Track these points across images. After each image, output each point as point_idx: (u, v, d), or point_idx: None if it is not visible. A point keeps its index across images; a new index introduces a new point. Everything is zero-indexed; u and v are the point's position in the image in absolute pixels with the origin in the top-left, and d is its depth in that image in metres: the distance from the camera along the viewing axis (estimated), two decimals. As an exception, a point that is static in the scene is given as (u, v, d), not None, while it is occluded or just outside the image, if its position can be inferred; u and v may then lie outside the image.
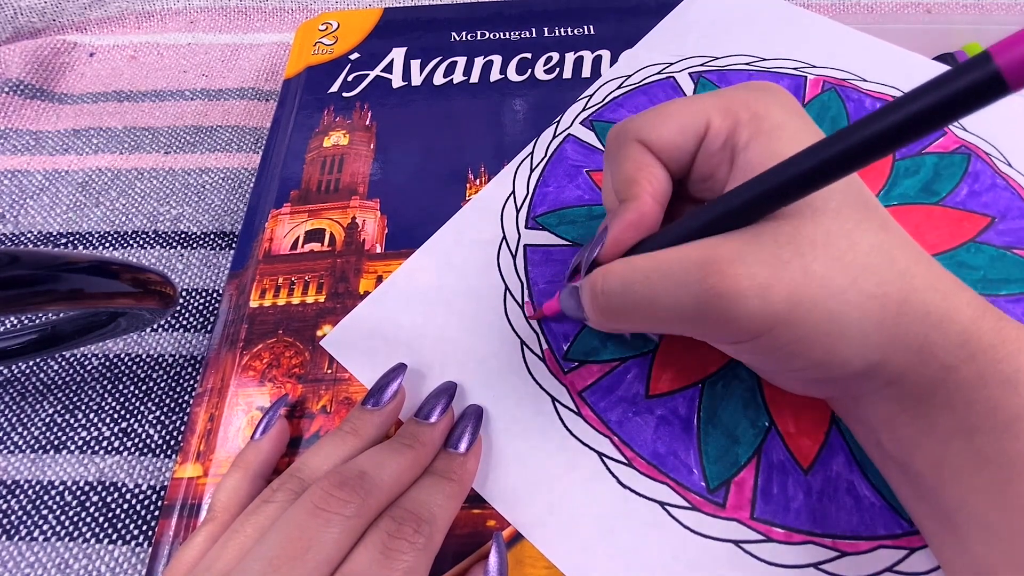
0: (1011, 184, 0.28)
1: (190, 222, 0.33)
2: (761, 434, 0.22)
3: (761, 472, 0.22)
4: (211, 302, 0.30)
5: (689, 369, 0.24)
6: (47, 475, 0.25)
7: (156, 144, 0.36)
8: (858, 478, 0.21)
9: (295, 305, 0.27)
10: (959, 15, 0.42)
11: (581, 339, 0.25)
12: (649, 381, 0.24)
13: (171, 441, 0.26)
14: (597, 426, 0.23)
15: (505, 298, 0.26)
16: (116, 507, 0.25)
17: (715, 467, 0.22)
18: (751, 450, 0.22)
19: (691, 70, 0.33)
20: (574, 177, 0.30)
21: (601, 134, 0.31)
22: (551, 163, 0.30)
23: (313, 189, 0.31)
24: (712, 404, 0.23)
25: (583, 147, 0.31)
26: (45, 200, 0.33)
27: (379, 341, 0.26)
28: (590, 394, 0.24)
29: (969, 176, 0.28)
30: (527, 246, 0.28)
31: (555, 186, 0.30)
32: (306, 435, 0.24)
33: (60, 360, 0.28)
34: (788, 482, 0.22)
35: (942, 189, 0.28)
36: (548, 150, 0.31)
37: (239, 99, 0.39)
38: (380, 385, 0.23)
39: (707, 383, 0.24)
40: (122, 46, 0.42)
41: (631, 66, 0.34)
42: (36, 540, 0.24)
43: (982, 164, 0.28)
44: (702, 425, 0.23)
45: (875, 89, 0.32)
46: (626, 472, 0.22)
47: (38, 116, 0.37)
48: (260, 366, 0.26)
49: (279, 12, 0.44)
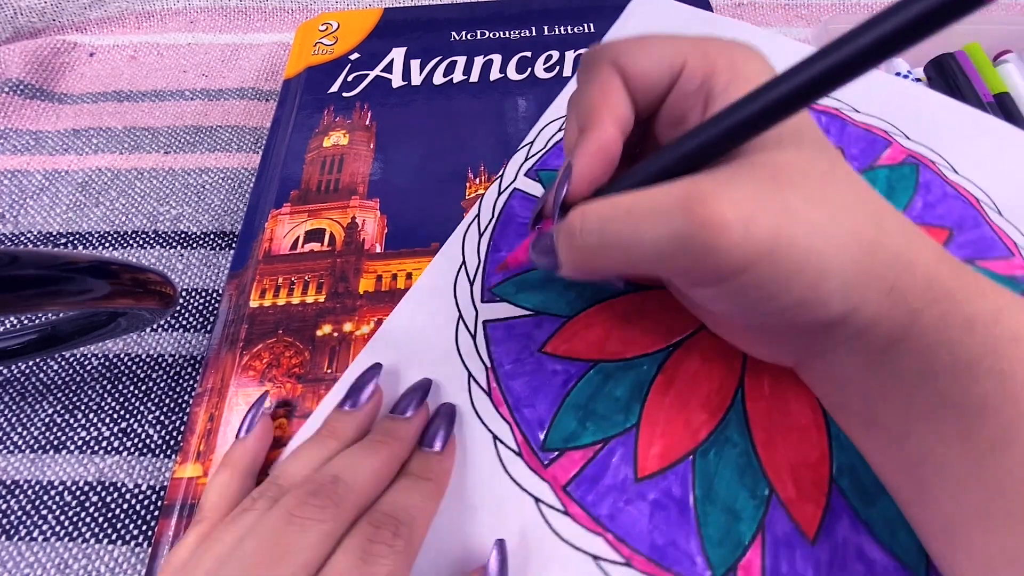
0: (961, 192, 0.27)
1: (190, 222, 0.33)
2: (762, 505, 0.21)
3: (767, 550, 0.20)
4: (211, 302, 0.30)
5: (677, 440, 0.22)
6: (47, 475, 0.25)
7: (156, 144, 0.36)
8: (866, 540, 0.20)
9: (295, 305, 0.27)
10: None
11: (558, 423, 0.23)
12: (636, 461, 0.22)
13: (171, 441, 0.26)
14: (588, 524, 0.21)
15: (470, 385, 0.24)
16: (116, 507, 0.25)
17: (718, 551, 0.20)
18: (754, 526, 0.20)
19: None
20: (526, 235, 0.27)
21: (548, 183, 0.29)
22: (500, 224, 0.28)
23: (313, 189, 0.31)
24: (707, 477, 0.21)
25: (531, 200, 0.29)
26: (45, 200, 0.33)
27: None
28: (575, 488, 0.22)
29: (921, 187, 0.28)
30: (486, 322, 0.25)
31: (507, 249, 0.27)
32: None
33: (60, 360, 0.28)
34: (796, 557, 0.20)
35: (897, 204, 0.27)
36: (495, 210, 0.29)
37: (239, 99, 0.39)
38: (357, 386, 0.23)
39: (698, 454, 0.22)
40: (122, 46, 0.42)
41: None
42: (36, 540, 0.24)
43: (931, 174, 0.28)
44: (699, 504, 0.21)
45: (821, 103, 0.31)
46: (625, 573, 0.20)
47: (38, 116, 0.37)
48: (260, 366, 0.26)
49: (279, 12, 0.44)
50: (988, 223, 0.27)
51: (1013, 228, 0.26)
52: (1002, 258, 0.26)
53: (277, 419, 0.24)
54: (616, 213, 0.17)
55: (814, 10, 0.43)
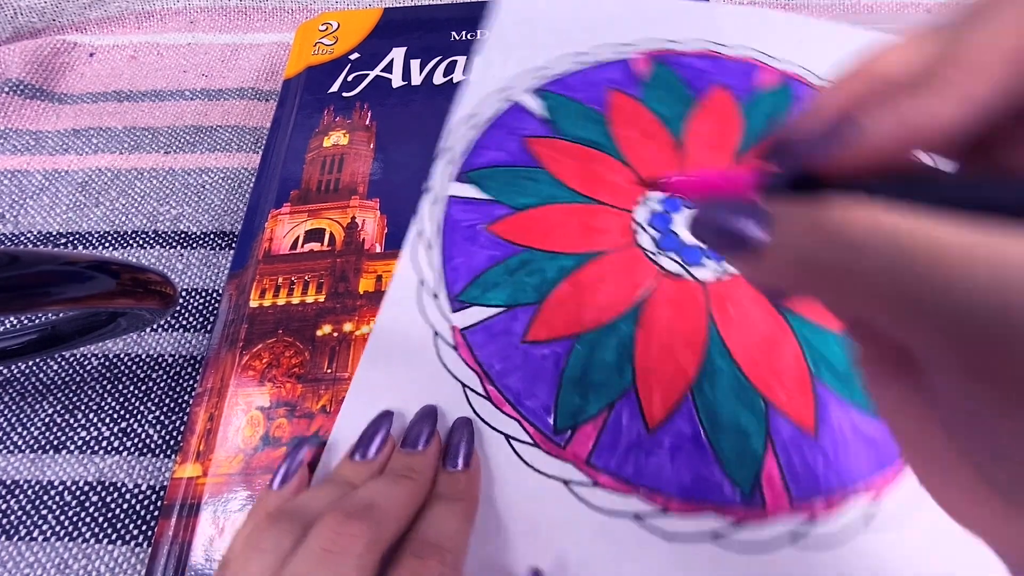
0: None
1: (190, 222, 0.33)
2: (763, 417, 0.23)
3: (780, 456, 0.22)
4: (211, 302, 0.30)
5: (672, 384, 0.24)
6: (47, 475, 0.25)
7: (156, 144, 0.36)
8: (857, 417, 0.22)
9: (295, 305, 0.27)
10: (959, 15, 0.42)
11: (562, 404, 0.24)
12: (644, 415, 0.23)
13: (171, 441, 0.26)
14: (620, 488, 0.22)
15: (467, 395, 0.24)
16: (116, 507, 0.25)
17: (740, 470, 0.22)
18: (762, 438, 0.23)
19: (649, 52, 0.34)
20: (475, 238, 0.28)
21: (479, 182, 0.29)
22: (446, 235, 0.28)
23: (313, 189, 0.31)
24: (708, 408, 0.23)
25: (467, 203, 0.29)
26: (45, 200, 0.33)
27: None
28: (597, 458, 0.23)
29: (797, 102, 0.31)
30: (463, 331, 0.25)
31: (462, 258, 0.28)
32: (306, 435, 0.24)
33: (60, 360, 0.28)
34: (805, 453, 0.22)
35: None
36: (436, 223, 0.29)
37: (239, 99, 0.39)
38: (368, 435, 0.22)
39: (694, 390, 0.24)
40: (122, 46, 0.42)
41: (474, 100, 0.33)
42: (36, 540, 0.24)
43: (802, 87, 0.32)
44: (710, 435, 0.23)
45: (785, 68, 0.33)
46: (666, 521, 0.21)
47: (38, 116, 0.37)
48: (260, 366, 0.26)
49: (279, 12, 0.44)
50: None
51: None
52: None
53: (277, 420, 0.24)
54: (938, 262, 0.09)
55: (814, 10, 0.43)
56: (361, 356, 0.25)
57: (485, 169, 0.29)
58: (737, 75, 0.33)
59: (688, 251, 0.27)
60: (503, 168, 0.30)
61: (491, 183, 0.29)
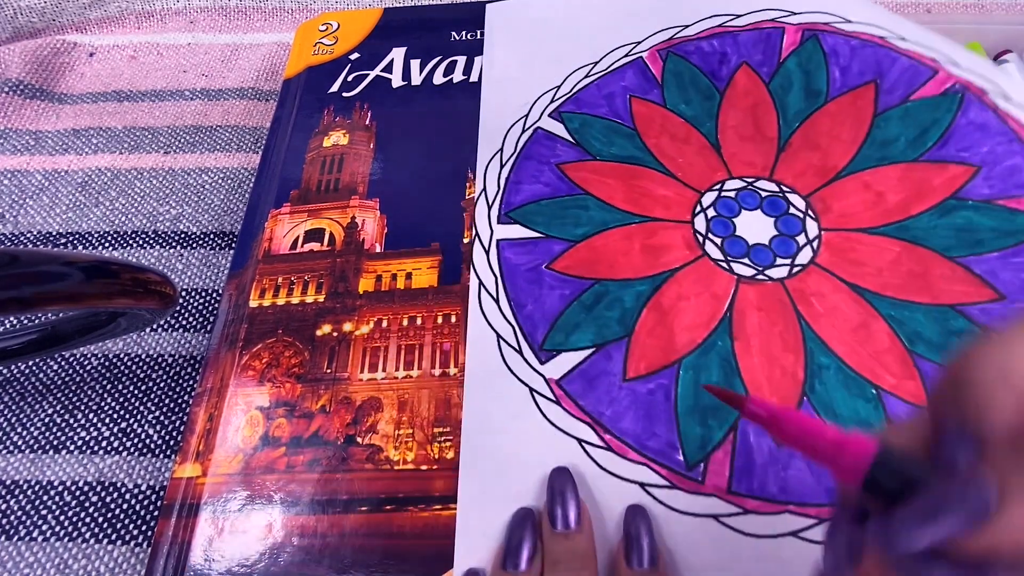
0: (1010, 122, 0.26)
1: (190, 222, 0.33)
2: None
3: (738, 447, 0.22)
4: (211, 302, 0.30)
5: (665, 351, 0.24)
6: (46, 475, 0.25)
7: (156, 144, 0.36)
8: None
9: (295, 305, 0.27)
10: (959, 15, 0.42)
11: (558, 328, 0.25)
12: (627, 364, 0.24)
13: (170, 441, 0.26)
14: (575, 412, 0.23)
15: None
16: (115, 507, 0.25)
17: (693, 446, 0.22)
18: (727, 426, 0.22)
19: (657, 47, 0.32)
20: (540, 280, 0.27)
21: (524, 220, 0.28)
22: (508, 282, 0.27)
23: (313, 189, 0.31)
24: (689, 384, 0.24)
25: (519, 244, 0.28)
26: (45, 200, 0.33)
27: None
28: (568, 382, 0.24)
29: (960, 117, 0.27)
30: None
31: (533, 304, 0.26)
32: (305, 434, 0.24)
33: (60, 360, 0.28)
34: (764, 448, 0.22)
35: (930, 138, 0.26)
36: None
37: (239, 99, 0.39)
38: (515, 544, 0.20)
39: (683, 364, 0.24)
40: (122, 46, 0.42)
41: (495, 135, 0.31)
42: (35, 540, 0.24)
43: (976, 102, 0.27)
44: (679, 403, 0.23)
45: (860, 30, 0.29)
46: (605, 456, 0.22)
47: (38, 116, 0.37)
48: (259, 366, 0.26)
49: (279, 12, 0.44)
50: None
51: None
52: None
53: (276, 419, 0.24)
54: None
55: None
56: (460, 441, 0.23)
57: (528, 205, 0.28)
58: (756, 48, 0.30)
59: (757, 251, 0.26)
60: (547, 201, 0.28)
61: (538, 219, 0.28)
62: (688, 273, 0.26)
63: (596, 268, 0.26)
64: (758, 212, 0.27)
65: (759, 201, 0.27)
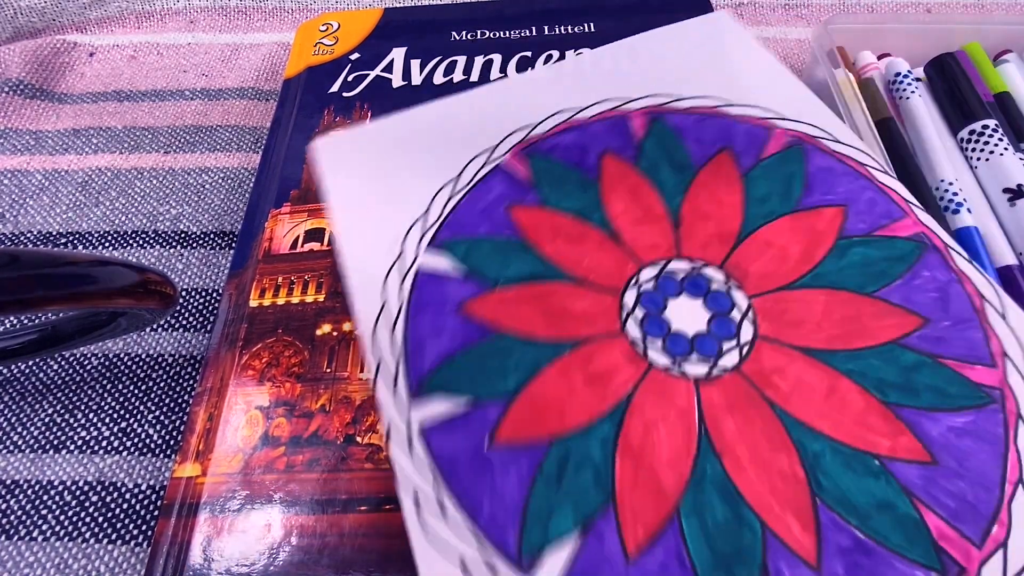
0: (847, 163, 0.26)
1: (190, 222, 0.33)
2: (759, 542, 0.19)
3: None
4: (211, 302, 0.30)
5: (657, 502, 0.20)
6: (46, 475, 0.25)
7: (156, 144, 0.36)
8: (880, 554, 0.19)
9: (295, 304, 0.27)
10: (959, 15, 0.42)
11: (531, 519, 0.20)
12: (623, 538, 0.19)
13: (170, 441, 0.26)
14: None
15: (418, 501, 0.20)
16: (115, 507, 0.25)
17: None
18: (756, 568, 0.19)
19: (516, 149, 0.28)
20: (445, 319, 0.24)
21: (454, 252, 0.25)
22: (412, 314, 0.24)
23: (313, 189, 0.31)
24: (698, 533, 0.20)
25: (440, 278, 0.25)
26: (45, 200, 0.33)
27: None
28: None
29: (810, 168, 0.26)
30: (422, 428, 0.21)
31: (428, 340, 0.23)
32: (305, 434, 0.24)
33: (60, 360, 0.28)
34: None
35: (793, 193, 0.26)
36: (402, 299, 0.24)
37: (239, 99, 0.39)
38: None
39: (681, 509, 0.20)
40: (122, 46, 0.42)
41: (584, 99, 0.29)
42: (35, 540, 0.24)
43: (815, 151, 0.27)
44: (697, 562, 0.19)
45: (694, 105, 0.29)
46: None
47: (38, 116, 0.37)
48: (259, 365, 0.26)
49: (279, 12, 0.44)
50: (877, 186, 0.26)
51: (899, 183, 0.26)
52: (897, 220, 0.25)
53: (276, 419, 0.24)
54: None
55: (814, 10, 0.43)
56: None
57: (440, 369, 0.23)
58: (610, 135, 0.29)
59: (675, 340, 0.23)
60: (483, 239, 0.25)
61: (468, 255, 0.25)
62: (643, 393, 0.22)
63: (506, 319, 0.23)
64: (683, 297, 0.24)
65: (679, 286, 0.24)
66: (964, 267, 0.25)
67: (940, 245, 0.25)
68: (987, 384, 0.22)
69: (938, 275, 0.25)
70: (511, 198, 0.27)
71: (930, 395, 0.21)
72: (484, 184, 0.27)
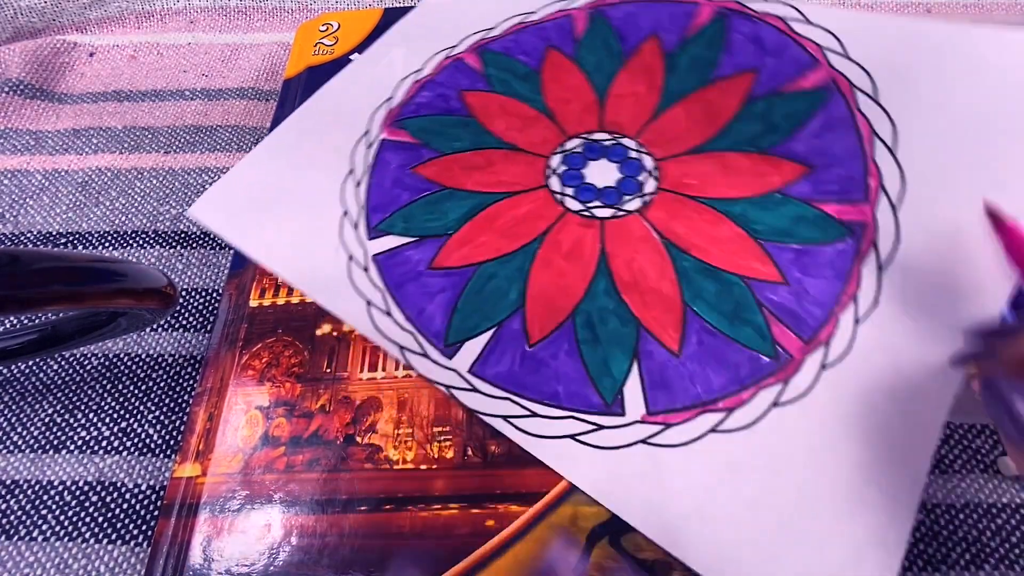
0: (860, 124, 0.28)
1: (190, 222, 0.33)
2: (633, 335, 0.25)
3: (644, 370, 0.24)
4: (211, 302, 0.30)
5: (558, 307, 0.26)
6: (46, 475, 0.25)
7: (156, 144, 0.36)
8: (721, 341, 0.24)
9: (294, 304, 0.27)
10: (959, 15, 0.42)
11: (455, 320, 0.26)
12: (527, 332, 0.25)
13: (171, 441, 0.26)
14: (493, 393, 0.24)
15: (370, 312, 0.26)
16: (115, 507, 0.25)
17: (606, 382, 0.24)
18: (630, 354, 0.24)
19: (472, 47, 0.35)
20: (401, 178, 0.30)
21: (411, 128, 0.31)
22: (374, 174, 0.30)
23: (313, 189, 0.31)
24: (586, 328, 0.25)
25: (398, 146, 0.31)
26: (45, 200, 0.33)
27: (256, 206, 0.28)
28: (479, 368, 0.25)
29: (821, 114, 0.28)
30: (375, 256, 0.28)
31: (386, 195, 0.30)
32: (305, 434, 0.24)
33: (60, 360, 0.28)
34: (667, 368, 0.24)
35: (784, 128, 0.28)
36: (367, 163, 0.31)
37: (239, 99, 0.39)
38: None
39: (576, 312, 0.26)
40: (122, 46, 0.42)
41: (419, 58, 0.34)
42: (35, 540, 0.24)
43: (841, 101, 0.28)
44: (583, 347, 0.25)
45: (768, 10, 0.31)
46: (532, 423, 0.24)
47: (38, 116, 0.37)
48: (259, 365, 0.26)
49: (279, 12, 0.44)
50: (795, 39, 0.30)
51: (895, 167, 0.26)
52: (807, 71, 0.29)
53: (276, 419, 0.24)
54: None
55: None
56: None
57: (420, 117, 0.31)
58: (673, 19, 0.33)
59: (584, 190, 0.29)
60: (437, 116, 0.31)
61: (423, 129, 0.31)
62: (524, 198, 0.28)
63: (450, 178, 0.28)
64: (603, 160, 0.29)
65: (601, 152, 0.30)
66: (866, 106, 0.27)
67: (846, 87, 0.28)
68: (852, 220, 0.26)
69: (834, 119, 0.28)
70: (463, 85, 0.32)
71: (796, 233, 0.26)
72: (442, 74, 0.33)
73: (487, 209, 0.29)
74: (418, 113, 0.32)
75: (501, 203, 0.29)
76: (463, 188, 0.29)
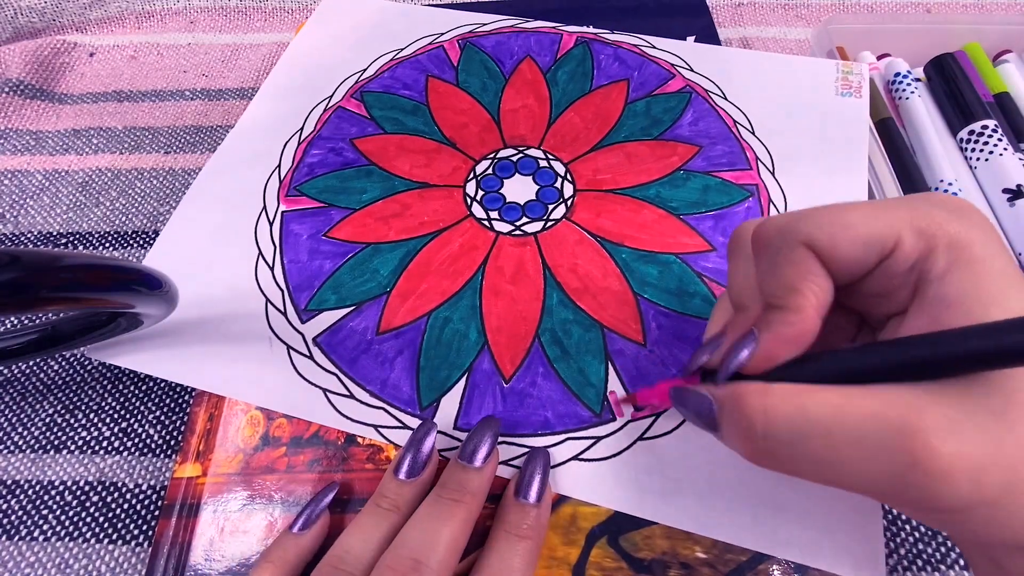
0: (722, 115, 0.32)
1: (190, 222, 0.33)
2: (475, 352, 0.25)
3: (469, 385, 0.25)
4: (211, 302, 0.30)
5: (420, 305, 0.27)
6: (47, 475, 0.25)
7: (156, 144, 0.36)
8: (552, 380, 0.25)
9: (295, 305, 0.27)
10: (959, 15, 0.42)
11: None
12: (381, 320, 0.26)
13: (171, 441, 0.26)
14: (326, 366, 0.25)
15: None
16: (116, 507, 0.25)
17: (429, 388, 0.25)
18: (464, 367, 0.25)
19: (457, 38, 0.36)
20: (316, 248, 0.28)
21: (310, 192, 0.30)
22: (286, 251, 0.28)
23: (313, 189, 0.31)
24: (436, 332, 0.26)
25: (303, 215, 0.29)
26: (45, 200, 0.33)
27: None
28: (324, 340, 0.26)
29: (690, 109, 0.32)
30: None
31: (305, 270, 0.28)
32: (305, 435, 0.24)
33: (60, 360, 0.28)
34: (488, 390, 0.24)
35: (666, 120, 0.32)
36: (275, 242, 0.29)
37: (239, 99, 0.39)
38: (414, 450, 0.21)
39: (433, 314, 0.26)
40: (122, 46, 0.42)
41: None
42: (36, 540, 0.24)
43: (700, 100, 0.33)
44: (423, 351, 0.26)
45: (620, 40, 0.36)
46: (347, 404, 0.24)
47: (38, 116, 0.37)
48: (260, 366, 0.26)
49: (279, 12, 0.44)
50: (650, 60, 0.34)
51: (760, 144, 0.31)
52: (667, 81, 0.33)
53: (277, 419, 0.24)
54: (813, 429, 0.15)
55: (814, 10, 0.43)
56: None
57: (317, 178, 0.30)
58: (540, 45, 0.35)
59: (509, 210, 0.29)
60: (334, 173, 0.31)
61: (324, 190, 0.30)
62: (453, 233, 0.28)
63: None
64: (517, 176, 0.30)
65: (512, 168, 0.31)
66: (720, 102, 0.33)
67: (701, 92, 0.33)
68: (747, 183, 0.30)
69: (702, 111, 0.32)
70: (354, 133, 0.32)
71: (708, 201, 0.29)
72: (326, 126, 0.33)
73: (419, 255, 0.28)
74: (313, 174, 0.31)
75: (431, 244, 0.28)
76: (387, 240, 0.28)
